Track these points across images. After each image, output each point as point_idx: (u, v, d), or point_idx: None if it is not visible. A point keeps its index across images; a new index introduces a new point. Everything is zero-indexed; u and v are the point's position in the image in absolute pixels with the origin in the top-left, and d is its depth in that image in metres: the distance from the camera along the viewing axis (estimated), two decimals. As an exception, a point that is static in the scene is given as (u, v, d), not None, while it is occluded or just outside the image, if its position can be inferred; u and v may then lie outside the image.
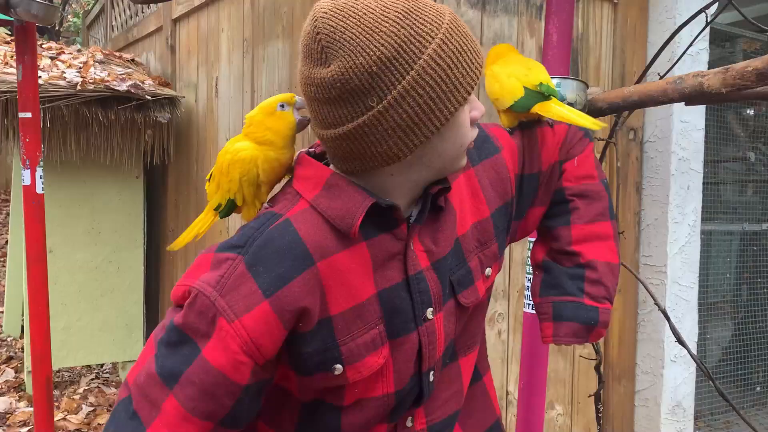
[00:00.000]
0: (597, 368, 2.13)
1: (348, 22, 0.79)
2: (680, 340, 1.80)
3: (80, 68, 3.31)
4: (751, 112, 3.77)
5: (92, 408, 3.36)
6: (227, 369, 0.81)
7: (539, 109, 1.10)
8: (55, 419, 3.12)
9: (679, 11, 2.57)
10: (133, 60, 4.02)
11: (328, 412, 0.92)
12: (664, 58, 2.41)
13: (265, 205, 0.93)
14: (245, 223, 0.90)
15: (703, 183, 2.76)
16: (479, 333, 1.06)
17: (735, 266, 3.73)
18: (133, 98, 3.18)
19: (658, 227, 2.64)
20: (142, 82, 3.27)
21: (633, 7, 2.63)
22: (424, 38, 0.79)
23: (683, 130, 2.62)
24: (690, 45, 1.93)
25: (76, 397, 3.49)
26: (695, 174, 2.68)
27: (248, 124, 0.94)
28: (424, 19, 0.80)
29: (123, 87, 3.13)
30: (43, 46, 3.77)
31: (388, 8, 0.80)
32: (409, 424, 0.97)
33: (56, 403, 3.35)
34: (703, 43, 2.62)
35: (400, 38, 0.79)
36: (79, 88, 3.04)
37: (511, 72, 1.13)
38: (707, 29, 2.45)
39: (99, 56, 3.65)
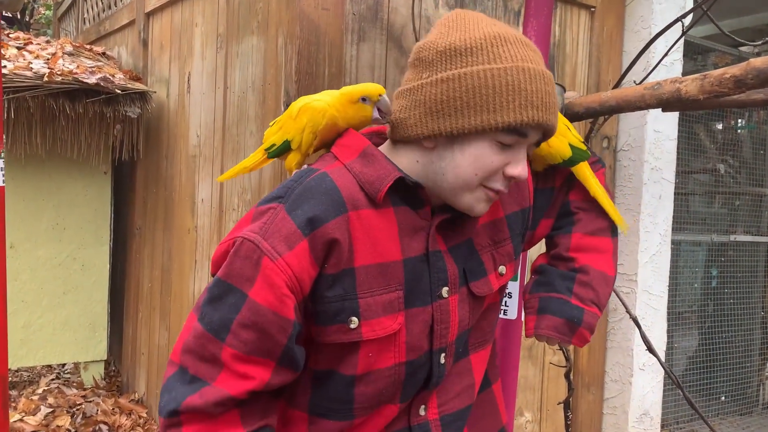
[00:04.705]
0: (567, 376, 2.12)
1: (458, 17, 0.95)
2: (651, 349, 1.80)
3: (48, 59, 3.22)
4: (720, 126, 3.82)
5: (51, 409, 3.26)
6: (275, 305, 0.87)
7: (579, 171, 1.18)
8: (12, 420, 3.02)
9: (654, 21, 2.59)
10: (104, 53, 3.93)
11: (340, 383, 0.96)
12: (639, 67, 2.42)
13: (305, 166, 1.01)
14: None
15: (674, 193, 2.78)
16: (491, 333, 1.12)
17: (702, 276, 3.77)
18: (102, 92, 3.10)
19: (629, 236, 2.65)
20: (113, 76, 3.19)
21: (610, 16, 2.64)
22: (492, 57, 0.90)
23: (656, 140, 2.64)
24: (666, 54, 1.94)
25: (35, 397, 3.38)
26: (667, 184, 2.70)
27: (332, 97, 1.04)
28: (505, 50, 0.90)
29: (92, 80, 3.05)
30: (11, 35, 3.66)
31: (489, 26, 0.93)
32: (422, 412, 1.02)
33: (13, 404, 3.24)
34: (678, 54, 2.64)
35: (473, 43, 0.91)
36: (46, 79, 2.95)
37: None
38: (681, 40, 2.47)
39: (68, 48, 3.56)
